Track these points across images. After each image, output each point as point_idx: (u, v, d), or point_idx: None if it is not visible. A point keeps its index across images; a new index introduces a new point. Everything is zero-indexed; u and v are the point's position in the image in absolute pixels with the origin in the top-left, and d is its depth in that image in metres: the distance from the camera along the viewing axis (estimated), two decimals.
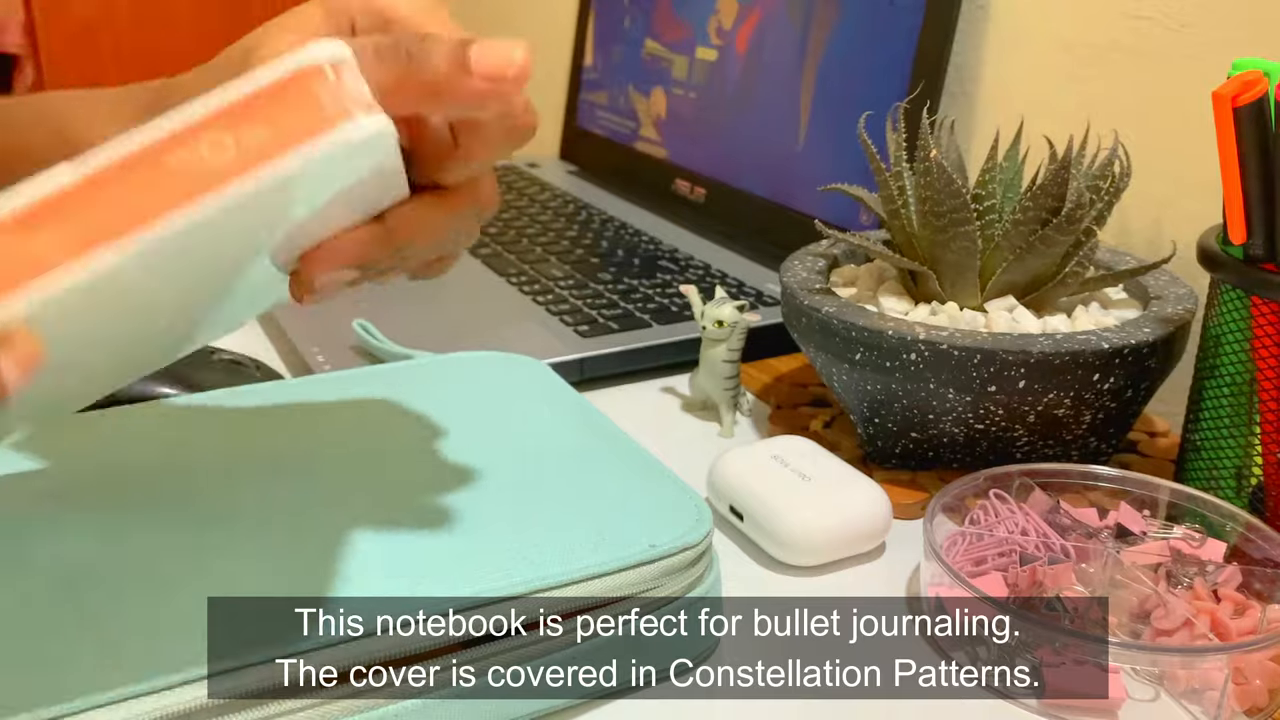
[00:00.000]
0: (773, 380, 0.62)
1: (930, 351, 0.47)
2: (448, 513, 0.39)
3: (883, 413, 0.50)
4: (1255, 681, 0.37)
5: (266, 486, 0.40)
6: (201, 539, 0.37)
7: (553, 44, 1.24)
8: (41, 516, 0.38)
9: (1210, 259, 0.45)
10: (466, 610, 0.34)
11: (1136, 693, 0.38)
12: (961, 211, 0.49)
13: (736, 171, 0.85)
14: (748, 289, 0.73)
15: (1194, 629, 0.39)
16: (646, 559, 0.37)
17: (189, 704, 0.30)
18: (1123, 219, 0.65)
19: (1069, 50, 0.67)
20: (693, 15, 0.91)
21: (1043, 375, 0.46)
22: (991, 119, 0.72)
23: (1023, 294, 0.51)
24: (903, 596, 0.44)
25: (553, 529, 0.38)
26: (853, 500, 0.46)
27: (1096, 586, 0.42)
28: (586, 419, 0.46)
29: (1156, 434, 0.57)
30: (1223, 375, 0.45)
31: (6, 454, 0.41)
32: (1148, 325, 0.48)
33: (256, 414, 0.46)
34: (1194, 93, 0.61)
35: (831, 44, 0.77)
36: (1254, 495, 0.45)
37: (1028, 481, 0.46)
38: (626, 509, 0.39)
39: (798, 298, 0.52)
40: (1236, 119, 0.41)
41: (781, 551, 0.45)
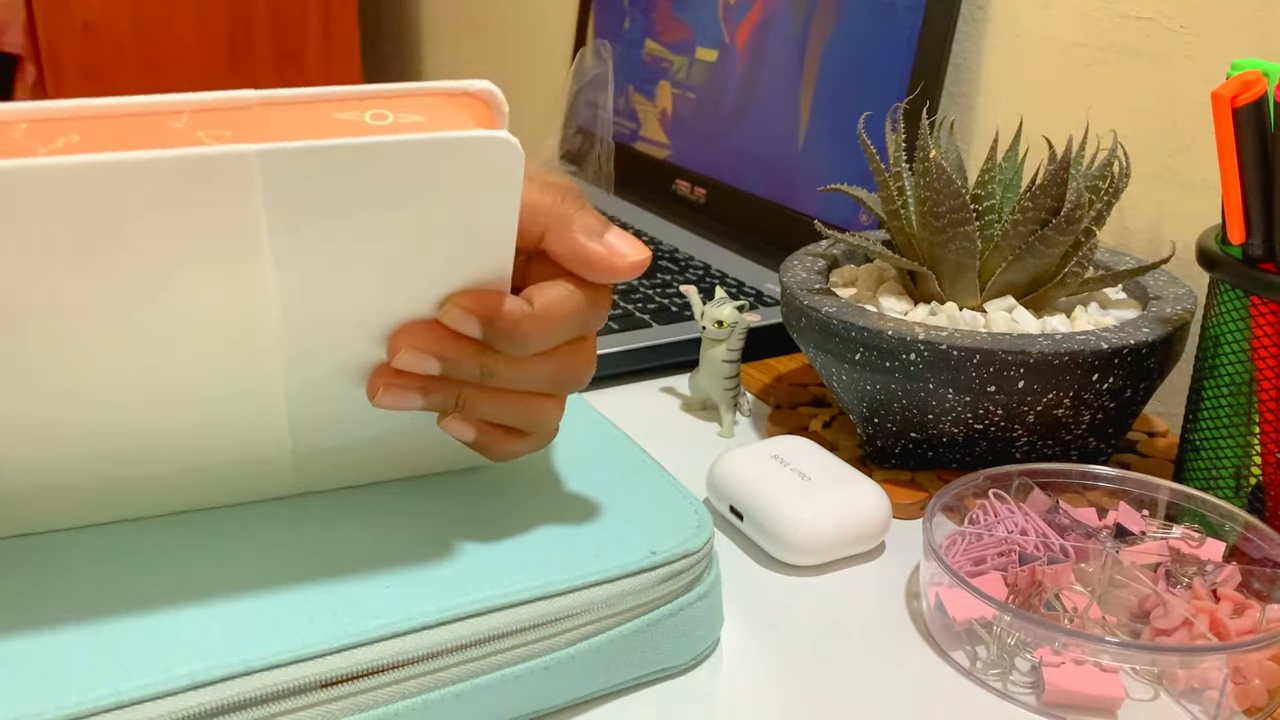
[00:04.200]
0: (773, 380, 0.62)
1: (929, 351, 0.47)
2: (448, 518, 0.39)
3: (882, 413, 0.50)
4: (1254, 681, 0.37)
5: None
6: (204, 545, 0.37)
7: (553, 44, 1.24)
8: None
9: (1209, 259, 0.45)
10: (467, 616, 0.34)
11: (1136, 692, 0.38)
12: (961, 212, 0.49)
13: (736, 171, 0.85)
14: (748, 289, 0.73)
15: (1193, 629, 0.39)
16: (647, 566, 0.37)
17: (191, 706, 0.30)
18: (1122, 219, 0.65)
19: (1069, 50, 0.67)
20: (692, 15, 0.91)
21: (1042, 375, 0.46)
22: (991, 119, 0.72)
23: (1022, 294, 0.52)
24: (902, 596, 0.44)
25: (553, 535, 0.38)
26: (852, 500, 0.46)
27: (1096, 586, 0.42)
28: (587, 422, 0.46)
29: (1156, 434, 0.57)
30: (1222, 375, 0.45)
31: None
32: (1147, 325, 0.48)
33: None
34: (1193, 93, 0.61)
35: (831, 44, 0.77)
36: (1253, 495, 0.45)
37: (1027, 481, 0.46)
38: (627, 515, 0.39)
39: (797, 298, 0.52)
40: (1236, 119, 0.41)
41: (781, 551, 0.45)
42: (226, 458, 0.36)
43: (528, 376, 0.35)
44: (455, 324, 0.33)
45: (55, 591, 0.34)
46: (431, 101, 0.30)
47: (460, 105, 0.30)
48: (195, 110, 0.28)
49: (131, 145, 0.26)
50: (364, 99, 0.29)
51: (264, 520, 0.38)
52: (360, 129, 0.28)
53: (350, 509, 0.39)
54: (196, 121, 0.27)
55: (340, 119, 0.28)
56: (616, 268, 0.34)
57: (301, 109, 0.28)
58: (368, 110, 0.29)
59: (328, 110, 0.28)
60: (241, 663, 0.31)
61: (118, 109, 0.27)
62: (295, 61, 1.51)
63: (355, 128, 0.28)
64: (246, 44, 1.47)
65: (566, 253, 0.34)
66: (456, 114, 0.30)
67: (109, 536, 0.37)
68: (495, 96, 0.31)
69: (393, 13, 1.68)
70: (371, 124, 0.28)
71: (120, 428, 0.33)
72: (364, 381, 0.35)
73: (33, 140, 0.26)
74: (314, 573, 0.35)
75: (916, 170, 0.52)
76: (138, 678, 0.30)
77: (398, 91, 0.29)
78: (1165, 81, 0.62)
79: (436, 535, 0.38)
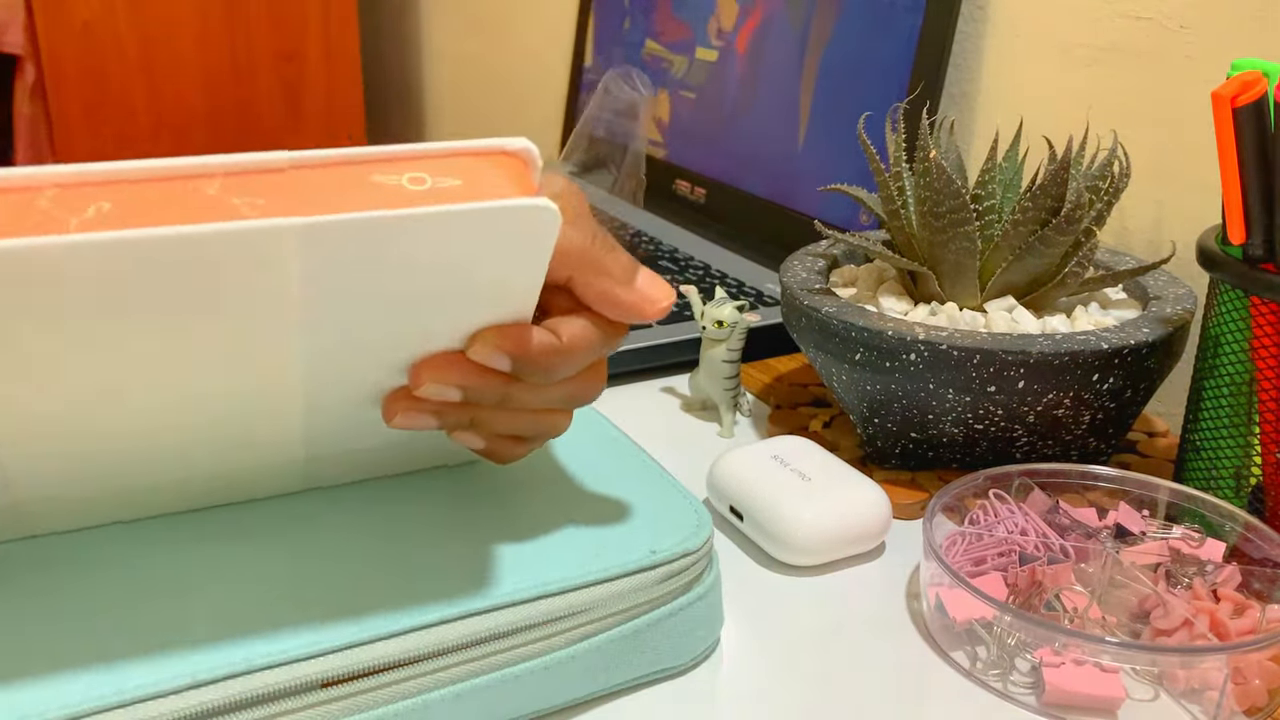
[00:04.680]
0: (773, 380, 0.62)
1: (930, 352, 0.47)
2: (449, 519, 0.39)
3: (882, 413, 0.50)
4: (1254, 681, 0.37)
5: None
6: (205, 544, 0.37)
7: (553, 44, 1.24)
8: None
9: (1209, 259, 0.45)
10: (467, 616, 0.34)
11: (1136, 692, 0.38)
12: (961, 212, 0.49)
13: (736, 171, 0.85)
14: (748, 289, 0.73)
15: (1193, 629, 0.39)
16: (647, 565, 0.37)
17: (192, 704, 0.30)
18: (1123, 219, 0.65)
19: (1069, 50, 0.67)
20: (692, 16, 0.91)
21: (1042, 376, 0.46)
22: (991, 119, 0.72)
23: (1022, 294, 0.52)
24: (902, 596, 0.44)
25: (553, 534, 0.38)
26: (852, 500, 0.46)
27: (1096, 586, 0.42)
28: (587, 422, 0.46)
29: (1156, 434, 0.57)
30: (1222, 375, 0.45)
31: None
32: (1147, 325, 0.48)
33: None
34: (1193, 93, 0.61)
35: (831, 44, 0.77)
36: (1253, 495, 0.45)
37: (1027, 481, 0.46)
38: (627, 515, 0.39)
39: (797, 298, 0.52)
40: (1236, 119, 0.41)
41: (781, 551, 0.45)
42: (239, 466, 0.37)
43: (544, 398, 0.36)
44: (485, 360, 0.33)
45: (57, 591, 0.34)
46: (468, 163, 0.29)
47: (497, 165, 0.30)
48: (227, 174, 0.27)
49: (165, 213, 0.26)
50: (400, 160, 0.28)
51: (265, 520, 0.38)
52: (398, 194, 0.28)
53: (350, 510, 0.39)
54: (230, 187, 0.27)
55: (378, 183, 0.28)
56: (646, 314, 0.35)
57: (336, 172, 0.28)
58: (405, 173, 0.28)
59: (364, 173, 0.28)
60: (243, 661, 0.31)
61: (148, 173, 0.27)
62: (295, 61, 1.51)
63: (393, 193, 0.28)
64: (246, 44, 1.47)
65: (595, 297, 0.34)
66: (494, 175, 0.29)
67: (109, 536, 0.37)
68: (531, 154, 0.31)
69: (393, 13, 1.68)
70: (409, 188, 0.28)
71: (141, 451, 0.34)
72: (379, 402, 0.35)
73: (63, 210, 0.26)
74: (314, 572, 0.35)
75: (916, 170, 0.52)
76: (139, 676, 0.30)
77: (434, 152, 0.29)
78: (1165, 81, 0.62)
79: (436, 535, 0.38)
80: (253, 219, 0.26)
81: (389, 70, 1.73)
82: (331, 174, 0.27)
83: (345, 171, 0.28)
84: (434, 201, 0.28)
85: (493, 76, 1.42)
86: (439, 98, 1.61)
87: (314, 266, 0.28)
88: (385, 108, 1.76)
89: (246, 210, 0.26)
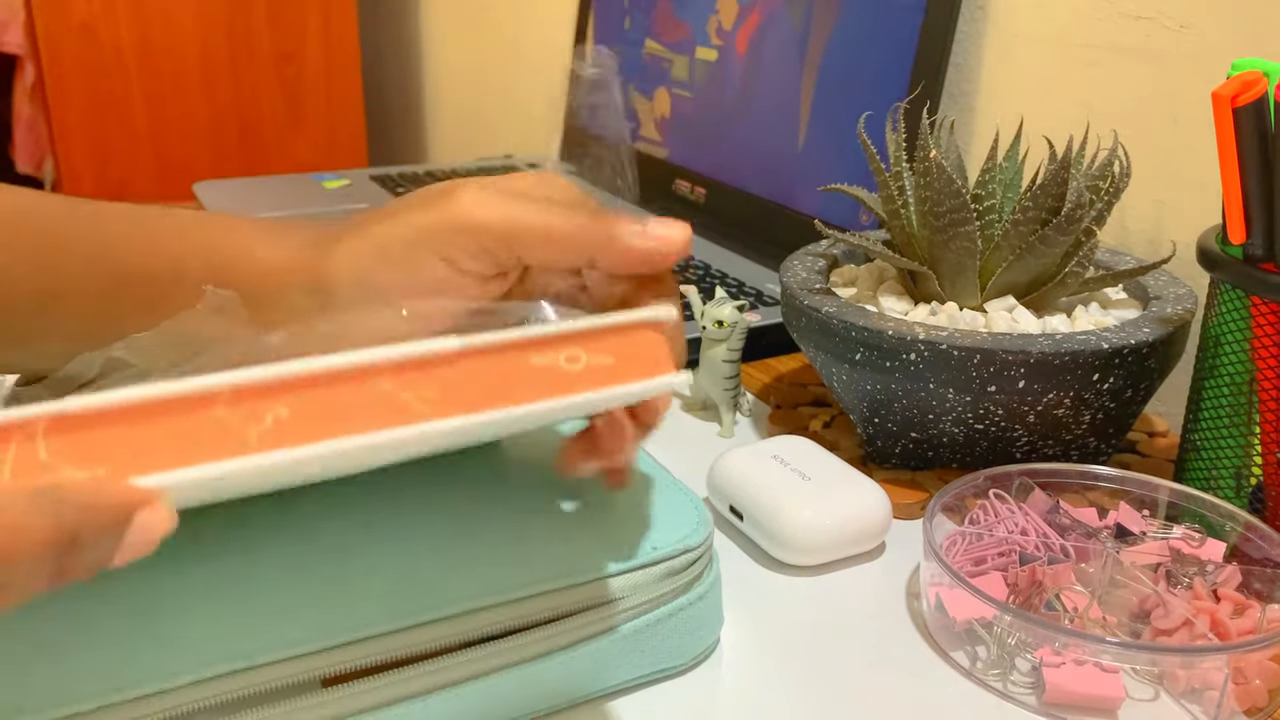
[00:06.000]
0: (773, 380, 0.62)
1: (930, 351, 0.47)
2: (449, 517, 0.39)
3: (883, 413, 0.50)
4: (1255, 681, 0.37)
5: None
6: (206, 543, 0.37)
7: (553, 44, 1.24)
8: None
9: (1210, 259, 0.45)
10: (467, 614, 0.34)
11: (1136, 692, 0.38)
12: (961, 212, 0.49)
13: (736, 171, 0.85)
14: (748, 289, 0.73)
15: (1193, 629, 0.39)
16: (648, 562, 0.37)
17: (193, 701, 0.30)
18: (1123, 219, 0.65)
19: (1069, 50, 0.67)
20: (692, 15, 0.91)
21: (1042, 375, 0.46)
22: (991, 119, 0.72)
23: (1022, 294, 0.52)
24: (903, 596, 0.44)
25: (553, 533, 0.38)
26: (852, 500, 0.46)
27: (1096, 586, 0.42)
28: None
29: (1156, 434, 0.57)
30: (1222, 375, 0.45)
31: None
32: (1147, 325, 0.48)
33: None
34: (1194, 93, 0.61)
35: (831, 44, 0.77)
36: (1253, 495, 0.45)
37: (1027, 481, 0.46)
38: (627, 512, 0.39)
39: (798, 298, 0.52)
40: (1236, 119, 0.41)
41: (781, 551, 0.45)
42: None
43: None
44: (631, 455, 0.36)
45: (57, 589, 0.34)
46: (619, 341, 0.31)
47: (643, 339, 0.31)
48: (397, 368, 0.28)
49: (341, 417, 0.27)
50: (558, 341, 0.30)
51: (264, 519, 0.38)
52: (556, 376, 0.29)
53: (350, 508, 0.39)
54: (401, 383, 0.28)
55: (537, 365, 0.29)
56: (671, 254, 0.36)
57: (499, 359, 0.29)
58: (562, 353, 0.30)
59: (525, 356, 0.29)
60: (244, 660, 0.31)
61: (318, 373, 0.27)
62: (295, 62, 1.51)
63: (552, 375, 0.29)
64: (246, 44, 1.47)
65: (623, 263, 0.36)
66: (640, 349, 0.31)
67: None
68: (670, 322, 0.32)
69: (393, 13, 1.68)
70: (566, 368, 0.30)
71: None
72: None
73: (242, 422, 0.26)
74: (314, 572, 0.35)
75: (917, 170, 0.52)
76: (140, 674, 0.30)
77: (589, 330, 0.30)
78: (1165, 81, 0.62)
79: (436, 534, 0.38)
80: (429, 418, 0.27)
81: (388, 71, 1.73)
82: (496, 361, 0.29)
83: (509, 357, 0.29)
84: (589, 381, 0.30)
85: (492, 77, 1.42)
86: (438, 98, 1.61)
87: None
88: (385, 108, 1.76)
89: (418, 406, 0.27)
